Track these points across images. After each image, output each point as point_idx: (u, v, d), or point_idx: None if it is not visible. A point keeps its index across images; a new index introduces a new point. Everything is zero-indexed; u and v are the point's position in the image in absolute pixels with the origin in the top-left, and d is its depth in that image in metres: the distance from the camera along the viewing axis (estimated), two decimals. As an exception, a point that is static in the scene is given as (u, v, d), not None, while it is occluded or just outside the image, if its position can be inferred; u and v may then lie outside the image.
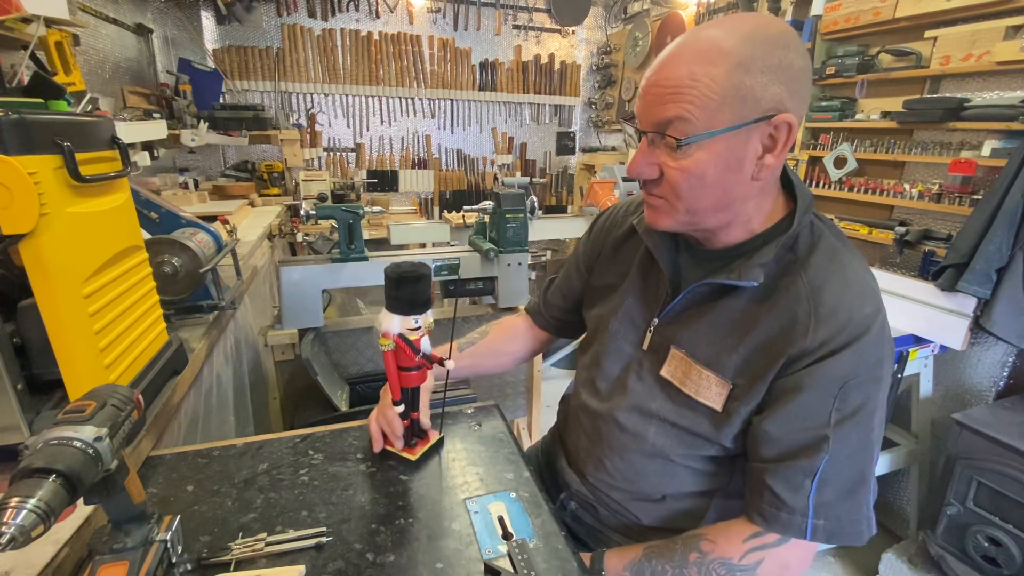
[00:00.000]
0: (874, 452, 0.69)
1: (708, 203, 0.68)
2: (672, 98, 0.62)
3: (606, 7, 4.43)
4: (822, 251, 0.70)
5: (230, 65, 3.72)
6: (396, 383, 0.78)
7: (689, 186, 0.66)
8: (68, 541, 0.64)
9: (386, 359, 0.76)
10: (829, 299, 0.66)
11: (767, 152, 0.65)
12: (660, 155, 0.67)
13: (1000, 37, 1.67)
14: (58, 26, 1.51)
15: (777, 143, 0.64)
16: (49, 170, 0.66)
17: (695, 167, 0.65)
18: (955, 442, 1.62)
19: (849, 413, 0.66)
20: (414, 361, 0.76)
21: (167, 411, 0.95)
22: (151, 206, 1.25)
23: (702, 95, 0.61)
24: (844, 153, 2.21)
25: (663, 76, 0.63)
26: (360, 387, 2.29)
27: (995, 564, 1.53)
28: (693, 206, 0.69)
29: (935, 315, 1.69)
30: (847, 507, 0.68)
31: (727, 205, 0.69)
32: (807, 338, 0.66)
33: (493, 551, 0.68)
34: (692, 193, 0.67)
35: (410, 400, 0.83)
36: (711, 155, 0.64)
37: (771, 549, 0.69)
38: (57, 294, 0.68)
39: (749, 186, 0.68)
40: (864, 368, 0.66)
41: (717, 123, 0.62)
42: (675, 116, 0.63)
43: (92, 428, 0.52)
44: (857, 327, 0.65)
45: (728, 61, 0.60)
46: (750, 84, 0.60)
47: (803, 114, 0.68)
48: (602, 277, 0.95)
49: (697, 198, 0.68)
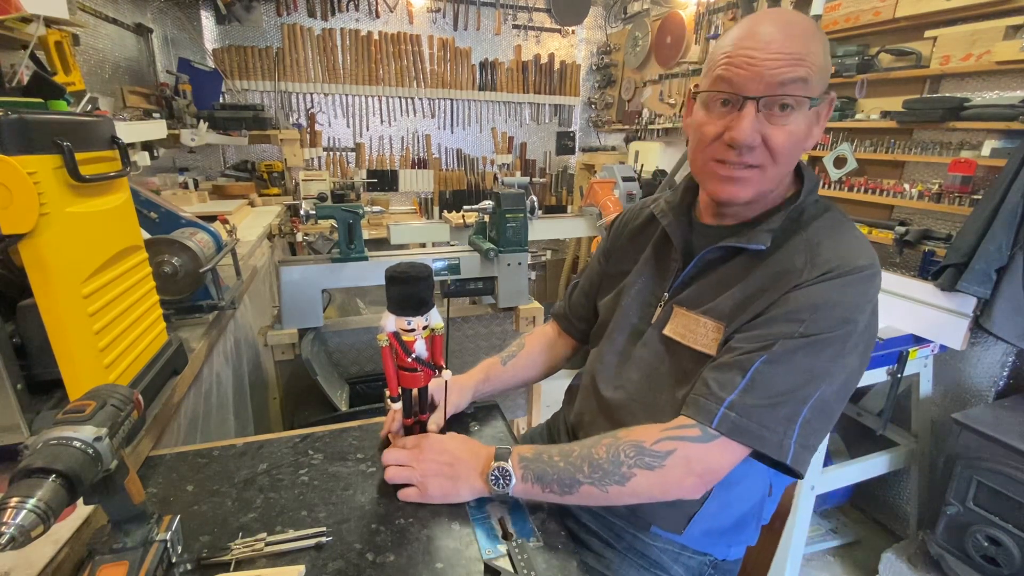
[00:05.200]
0: (819, 388, 0.67)
1: (786, 170, 0.75)
2: (794, 64, 0.68)
3: (606, 7, 4.43)
4: (825, 219, 0.76)
5: (230, 65, 3.72)
6: (393, 379, 0.78)
7: (789, 151, 0.72)
8: (68, 541, 0.64)
9: (384, 355, 0.76)
10: (826, 251, 0.71)
11: (814, 125, 0.74)
12: (762, 123, 0.71)
13: (1000, 37, 1.67)
14: (58, 26, 1.51)
15: (821, 117, 0.74)
16: (49, 170, 0.66)
17: (797, 130, 0.71)
18: (955, 442, 1.62)
19: (807, 335, 0.67)
20: (407, 361, 0.75)
21: (167, 411, 0.95)
22: (151, 206, 1.25)
23: (816, 64, 0.69)
24: (844, 153, 2.21)
25: (780, 47, 0.69)
26: (360, 387, 2.29)
27: (995, 564, 1.53)
28: (780, 174, 0.74)
29: (935, 315, 1.69)
30: (765, 413, 0.67)
31: (788, 173, 0.77)
32: (800, 278, 0.70)
33: (493, 551, 0.68)
34: (789, 158, 0.73)
35: (411, 400, 0.83)
36: (805, 121, 0.71)
37: (685, 442, 0.69)
38: (57, 294, 0.68)
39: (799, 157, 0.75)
40: (841, 305, 0.68)
41: (819, 91, 0.71)
42: (798, 78, 0.69)
43: (92, 428, 0.52)
44: (846, 267, 0.69)
45: (822, 40, 0.71)
46: (829, 64, 0.73)
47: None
48: (618, 264, 0.98)
49: (788, 163, 0.74)
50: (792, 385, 0.67)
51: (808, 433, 0.68)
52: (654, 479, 0.69)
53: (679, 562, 0.86)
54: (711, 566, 0.88)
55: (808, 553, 2.02)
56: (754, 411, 0.67)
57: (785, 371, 0.67)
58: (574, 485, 0.71)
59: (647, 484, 0.69)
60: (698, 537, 0.84)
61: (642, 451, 0.69)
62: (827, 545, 2.09)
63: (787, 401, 0.67)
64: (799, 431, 0.67)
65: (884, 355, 1.69)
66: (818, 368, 0.67)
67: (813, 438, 0.69)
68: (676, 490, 0.70)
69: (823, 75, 0.71)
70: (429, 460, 0.76)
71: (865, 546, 2.10)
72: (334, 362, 2.32)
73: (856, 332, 0.68)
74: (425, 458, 0.76)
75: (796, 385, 0.67)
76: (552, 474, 0.72)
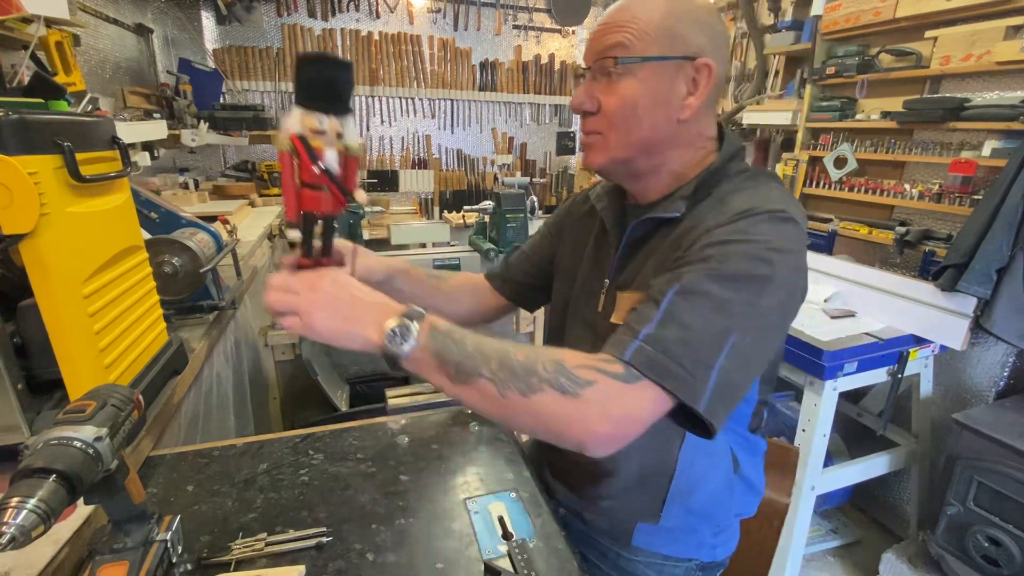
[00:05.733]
0: (734, 331, 0.62)
1: (638, 137, 0.74)
2: (615, 30, 0.71)
3: (606, 7, 4.43)
4: (745, 181, 0.74)
5: (230, 65, 3.72)
6: (291, 198, 0.64)
7: (623, 114, 0.72)
8: (68, 541, 0.64)
9: (282, 164, 0.63)
10: (737, 201, 0.70)
11: (690, 94, 0.72)
12: (599, 88, 0.74)
13: (1000, 37, 1.67)
14: (58, 26, 1.51)
15: (699, 86, 0.72)
16: (49, 170, 0.66)
17: (628, 93, 0.71)
18: (955, 442, 1.62)
19: (718, 268, 0.63)
20: (312, 174, 0.61)
21: (167, 411, 0.95)
22: (151, 206, 1.25)
23: (640, 28, 0.70)
24: (844, 153, 2.21)
25: (608, 18, 0.73)
26: (360, 387, 2.29)
27: (995, 564, 1.52)
28: (625, 139, 0.74)
29: (935, 315, 1.69)
30: (681, 350, 0.61)
31: (656, 145, 0.75)
32: (710, 225, 0.68)
33: (493, 551, 0.68)
34: (625, 123, 0.73)
35: (310, 231, 0.66)
36: (643, 85, 0.71)
37: (607, 376, 0.61)
38: (57, 294, 0.68)
39: (676, 128, 0.73)
40: (754, 242, 0.64)
41: (649, 53, 0.71)
42: (615, 43, 0.71)
43: (92, 428, 0.52)
44: (759, 210, 0.67)
45: (664, 8, 0.71)
46: (679, 29, 0.71)
47: (724, 73, 0.75)
48: (564, 257, 0.97)
49: (629, 129, 0.73)
50: (706, 321, 0.62)
51: (725, 384, 0.62)
52: (562, 406, 0.59)
53: (664, 573, 0.86)
54: (697, 569, 0.88)
55: (808, 553, 2.02)
56: (670, 346, 0.61)
57: (699, 303, 0.63)
58: (473, 376, 0.61)
59: (551, 408, 0.60)
60: (678, 534, 0.84)
61: (562, 370, 0.61)
62: (827, 545, 2.09)
63: (703, 341, 0.61)
64: (716, 379, 0.61)
65: (884, 355, 1.69)
66: (733, 307, 0.62)
67: (730, 391, 0.63)
68: (580, 430, 0.60)
69: (657, 38, 0.70)
70: (324, 291, 0.65)
71: (865, 546, 2.10)
72: (334, 362, 2.32)
73: (774, 278, 0.63)
74: (320, 288, 0.65)
75: (710, 321, 0.62)
76: (456, 356, 0.62)
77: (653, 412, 0.62)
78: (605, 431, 0.60)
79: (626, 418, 0.60)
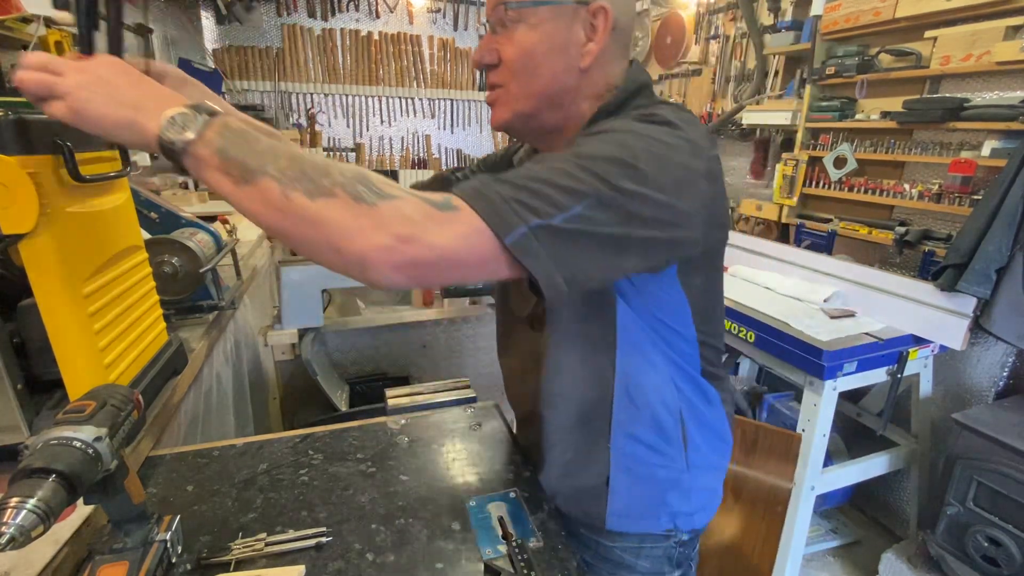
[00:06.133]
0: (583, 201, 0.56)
1: (539, 86, 0.72)
2: None
3: (606, 7, 4.43)
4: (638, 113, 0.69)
5: (230, 65, 3.72)
6: None
7: (521, 63, 0.71)
8: (68, 541, 0.64)
9: None
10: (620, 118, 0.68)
11: (589, 40, 0.71)
12: (499, 40, 0.73)
13: (1000, 37, 1.67)
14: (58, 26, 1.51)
15: (597, 31, 0.70)
16: (49, 170, 0.66)
17: (525, 40, 0.70)
18: (955, 442, 1.62)
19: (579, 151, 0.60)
20: None
21: (167, 411, 0.95)
22: (151, 206, 1.25)
23: None
24: (844, 153, 2.21)
25: None
26: (360, 387, 2.29)
27: (995, 564, 1.52)
28: (526, 89, 0.72)
29: (935, 315, 1.69)
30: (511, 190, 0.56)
31: (558, 96, 0.73)
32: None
33: (493, 551, 0.68)
34: (524, 72, 0.71)
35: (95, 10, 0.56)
36: (538, 31, 0.70)
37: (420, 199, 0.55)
38: (57, 294, 0.68)
39: (578, 77, 0.72)
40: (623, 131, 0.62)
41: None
42: None
43: (92, 428, 0.52)
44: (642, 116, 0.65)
45: None
46: None
47: (626, 24, 0.73)
48: None
49: (529, 80, 0.72)
50: (550, 177, 0.57)
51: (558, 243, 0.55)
52: (350, 212, 0.52)
53: (641, 556, 0.84)
54: (678, 545, 0.85)
55: (808, 553, 2.02)
56: (504, 186, 0.56)
57: (548, 165, 0.59)
58: (256, 174, 0.53)
59: (337, 215, 0.51)
60: (647, 506, 0.80)
61: (363, 179, 0.54)
62: (827, 545, 2.09)
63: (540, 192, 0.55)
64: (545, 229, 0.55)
65: (884, 355, 1.69)
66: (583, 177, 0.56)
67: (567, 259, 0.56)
68: (363, 242, 0.51)
69: None
70: (96, 73, 0.56)
71: (865, 546, 2.10)
72: (334, 362, 2.32)
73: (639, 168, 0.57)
74: (90, 69, 0.56)
75: (555, 181, 0.56)
76: (242, 154, 0.53)
77: (457, 241, 0.54)
78: (383, 242, 0.51)
79: (413, 240, 0.52)
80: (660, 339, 0.75)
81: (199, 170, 0.54)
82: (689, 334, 0.76)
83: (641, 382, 0.76)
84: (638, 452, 0.79)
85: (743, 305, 1.94)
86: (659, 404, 0.77)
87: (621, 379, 0.76)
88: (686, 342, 0.77)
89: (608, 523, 0.82)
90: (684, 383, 0.78)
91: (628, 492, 0.80)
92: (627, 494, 0.80)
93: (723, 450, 0.86)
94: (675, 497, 0.81)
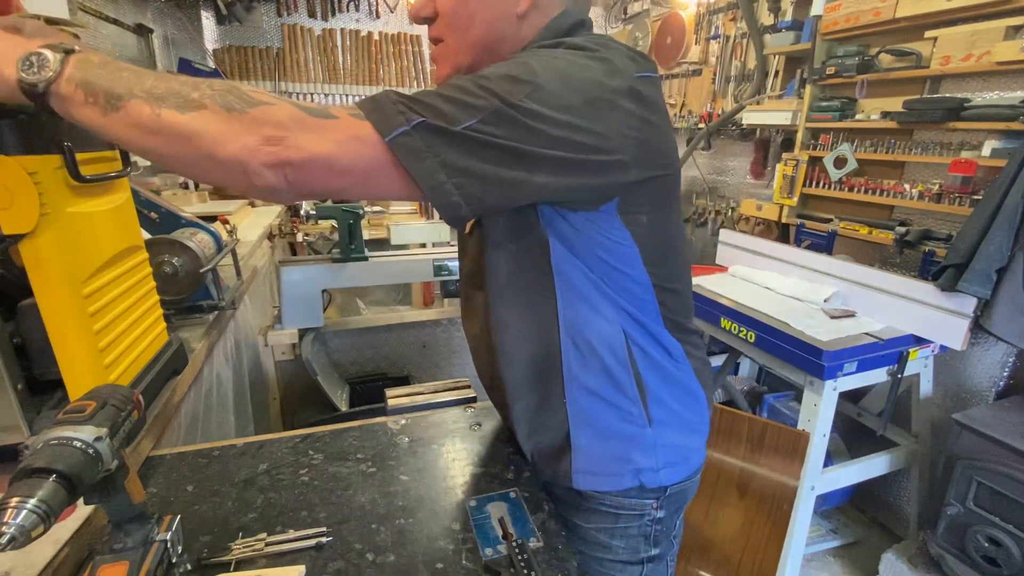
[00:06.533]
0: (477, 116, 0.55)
1: (476, 35, 0.71)
2: None
3: (606, 7, 4.43)
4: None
5: (230, 65, 3.72)
6: None
7: (456, 12, 0.70)
8: (68, 541, 0.64)
9: None
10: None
11: None
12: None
13: (1000, 37, 1.67)
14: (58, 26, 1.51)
15: None
16: (49, 170, 0.66)
17: None
18: (955, 442, 1.62)
19: (484, 73, 0.59)
20: None
21: (167, 411, 0.95)
22: (151, 206, 1.25)
23: None
24: (844, 153, 2.21)
25: None
26: (360, 387, 2.29)
27: (995, 564, 1.52)
28: (464, 39, 0.72)
29: (935, 315, 1.69)
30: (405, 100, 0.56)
31: (496, 45, 0.72)
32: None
33: (493, 551, 0.68)
34: (460, 21, 0.71)
35: None
36: None
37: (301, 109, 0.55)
38: (57, 294, 0.68)
39: (516, 24, 0.71)
40: (548, 50, 0.63)
41: None
42: None
43: (92, 428, 0.52)
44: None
45: None
46: None
47: None
48: None
49: (464, 31, 0.71)
50: (445, 91, 0.57)
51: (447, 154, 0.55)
52: (220, 121, 0.52)
53: (616, 536, 0.82)
54: (653, 523, 0.82)
55: (808, 553, 2.02)
56: (395, 95, 0.56)
57: (447, 86, 0.58)
58: (124, 98, 0.52)
59: (208, 125, 0.52)
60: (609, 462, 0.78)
61: (236, 91, 0.54)
62: (827, 545, 2.09)
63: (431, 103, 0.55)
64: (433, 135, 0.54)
65: (884, 355, 1.69)
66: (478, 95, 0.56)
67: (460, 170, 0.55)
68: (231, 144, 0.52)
69: None
70: None
71: (865, 546, 2.10)
72: (334, 362, 2.32)
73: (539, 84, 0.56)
74: None
75: (448, 93, 0.56)
76: (107, 82, 0.52)
77: (331, 146, 0.54)
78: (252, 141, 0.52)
79: (288, 140, 0.52)
80: (607, 284, 0.71)
81: (66, 109, 0.54)
82: (640, 277, 0.72)
83: (587, 331, 0.73)
84: (594, 405, 0.76)
85: (743, 305, 1.94)
86: (608, 354, 0.74)
87: (567, 329, 0.74)
88: (638, 285, 0.73)
89: (575, 481, 0.79)
90: (637, 332, 0.74)
91: (590, 448, 0.78)
92: (590, 450, 0.78)
93: (695, 407, 0.82)
94: (638, 453, 0.77)
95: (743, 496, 1.25)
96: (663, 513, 0.82)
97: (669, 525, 0.84)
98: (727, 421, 1.29)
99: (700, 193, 3.37)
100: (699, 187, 3.37)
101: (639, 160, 0.63)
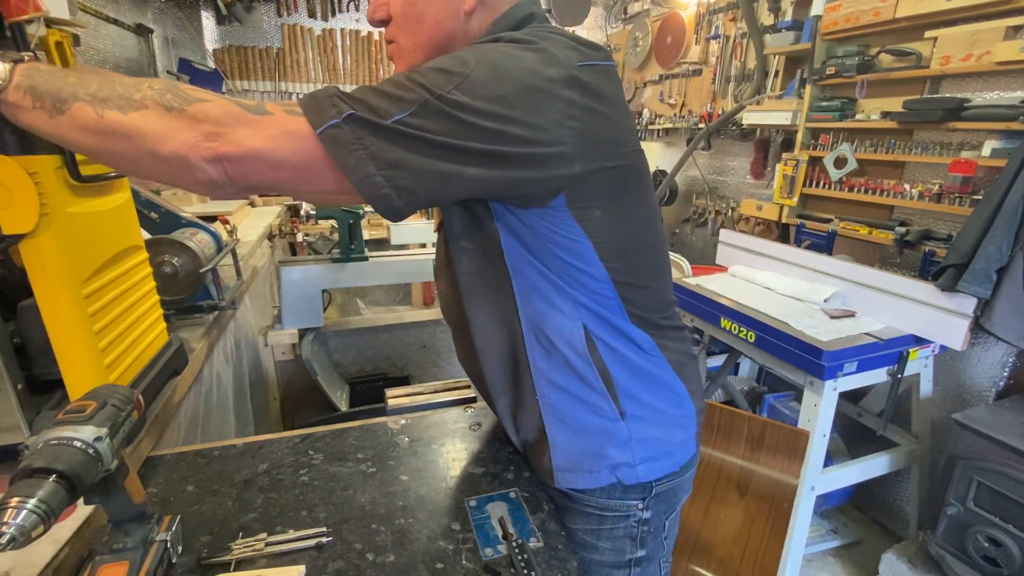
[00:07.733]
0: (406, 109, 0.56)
1: (426, 34, 0.72)
2: None
3: (606, 7, 4.43)
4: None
5: (230, 65, 3.72)
6: None
7: (405, 15, 0.71)
8: (68, 541, 0.64)
9: None
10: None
11: None
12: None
13: (1000, 37, 1.67)
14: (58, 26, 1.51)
15: None
16: (49, 170, 0.66)
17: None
18: (955, 442, 1.62)
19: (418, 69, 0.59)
20: None
21: (167, 411, 0.95)
22: (151, 206, 1.25)
23: None
24: (844, 153, 2.21)
25: None
26: (360, 387, 2.29)
27: (995, 564, 1.52)
28: (415, 39, 0.72)
29: (935, 315, 1.69)
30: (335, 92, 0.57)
31: (446, 43, 0.72)
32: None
33: (493, 551, 0.68)
34: (410, 22, 0.71)
35: None
36: None
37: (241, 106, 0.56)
38: (57, 294, 0.68)
39: (465, 21, 0.71)
40: (486, 44, 0.63)
41: None
42: None
43: (92, 428, 0.52)
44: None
45: None
46: None
47: None
48: None
49: (415, 31, 0.72)
50: (378, 87, 0.57)
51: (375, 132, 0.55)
52: (161, 119, 0.54)
53: (602, 537, 0.81)
54: (639, 524, 0.80)
55: (808, 553, 2.02)
56: (332, 91, 0.57)
57: (381, 82, 0.59)
58: (68, 102, 0.54)
59: (149, 123, 0.54)
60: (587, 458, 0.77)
61: (175, 90, 0.56)
62: (827, 545, 2.09)
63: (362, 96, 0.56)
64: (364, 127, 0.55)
65: (884, 355, 1.69)
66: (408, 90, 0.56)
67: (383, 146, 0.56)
68: (172, 141, 0.54)
69: None
70: None
71: (865, 546, 2.10)
72: (334, 362, 2.32)
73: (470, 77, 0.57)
74: None
75: (380, 87, 0.57)
76: (53, 87, 0.55)
77: (266, 141, 0.55)
78: (191, 137, 0.54)
79: (225, 135, 0.54)
80: (563, 280, 0.71)
81: (15, 115, 0.56)
82: (598, 273, 0.71)
83: (546, 328, 0.73)
84: (565, 401, 0.76)
85: (743, 305, 1.94)
86: (568, 349, 0.73)
87: (528, 325, 0.74)
88: (596, 281, 0.71)
89: (556, 480, 0.78)
90: (599, 327, 0.73)
91: (566, 444, 0.77)
92: (566, 447, 0.77)
93: (673, 400, 0.80)
94: (613, 448, 0.76)
95: (743, 496, 1.25)
96: (650, 514, 0.80)
97: (657, 526, 0.82)
98: (727, 420, 1.29)
99: (700, 193, 3.37)
100: (699, 187, 3.37)
101: (583, 152, 0.62)
